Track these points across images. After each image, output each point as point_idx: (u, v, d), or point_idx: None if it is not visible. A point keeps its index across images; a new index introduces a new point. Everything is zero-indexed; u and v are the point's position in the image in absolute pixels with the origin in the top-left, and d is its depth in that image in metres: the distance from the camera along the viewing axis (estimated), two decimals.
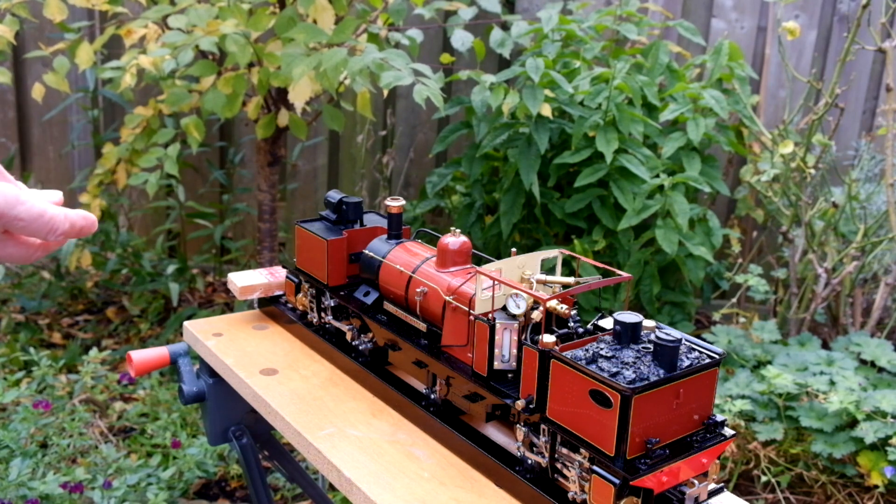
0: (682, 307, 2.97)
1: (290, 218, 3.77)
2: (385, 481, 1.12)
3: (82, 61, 2.60)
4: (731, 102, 2.95)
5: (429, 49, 3.47)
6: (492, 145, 2.87)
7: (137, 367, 1.57)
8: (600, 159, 2.70)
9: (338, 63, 2.19)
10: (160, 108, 2.79)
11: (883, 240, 2.75)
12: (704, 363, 1.00)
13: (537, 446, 1.07)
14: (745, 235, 3.46)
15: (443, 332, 1.23)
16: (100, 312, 3.55)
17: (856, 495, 2.40)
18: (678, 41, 3.44)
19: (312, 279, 1.47)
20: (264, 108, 2.73)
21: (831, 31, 3.45)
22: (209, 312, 3.32)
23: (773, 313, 3.15)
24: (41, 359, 2.70)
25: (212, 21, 2.44)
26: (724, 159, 3.42)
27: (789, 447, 2.48)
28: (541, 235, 2.96)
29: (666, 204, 2.68)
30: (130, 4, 2.94)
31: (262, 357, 1.48)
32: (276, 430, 1.38)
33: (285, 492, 2.46)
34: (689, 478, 1.01)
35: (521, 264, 1.17)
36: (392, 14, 2.66)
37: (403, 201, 1.38)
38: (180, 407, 2.72)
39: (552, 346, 1.02)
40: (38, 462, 2.33)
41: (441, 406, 1.23)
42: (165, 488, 2.29)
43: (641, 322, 1.02)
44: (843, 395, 2.31)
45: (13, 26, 2.53)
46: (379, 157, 3.66)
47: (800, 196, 2.91)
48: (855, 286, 2.94)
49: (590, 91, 2.76)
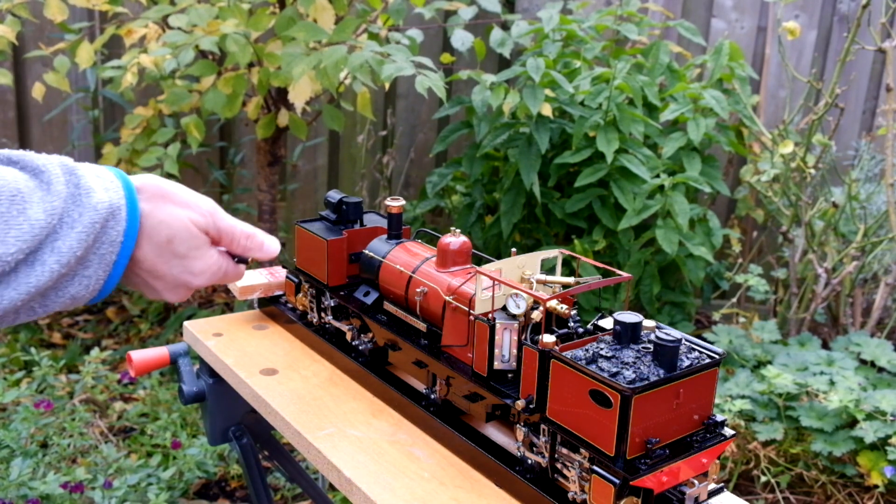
0: (682, 307, 2.97)
1: (290, 218, 3.77)
2: (385, 481, 1.12)
3: (83, 61, 2.60)
4: (732, 102, 2.95)
5: (429, 49, 3.47)
6: (492, 145, 2.87)
7: (137, 367, 1.57)
8: (601, 159, 2.70)
9: (338, 60, 2.18)
10: (160, 108, 2.79)
11: (883, 240, 2.75)
12: (704, 363, 1.00)
13: (537, 446, 1.07)
14: (745, 235, 3.46)
15: (443, 332, 1.23)
16: (100, 312, 3.55)
17: (856, 495, 2.40)
18: (678, 41, 3.44)
19: (312, 279, 1.47)
20: (264, 108, 2.73)
21: (831, 31, 3.45)
22: (209, 312, 3.32)
23: (773, 313, 3.15)
24: (41, 359, 2.70)
25: (212, 21, 2.44)
26: (724, 159, 3.42)
27: (789, 447, 2.48)
28: (541, 235, 2.96)
29: (666, 204, 2.68)
30: (130, 4, 2.94)
31: (262, 357, 1.48)
32: (276, 430, 1.38)
33: (285, 492, 2.46)
34: (689, 478, 1.01)
35: (522, 264, 1.17)
36: (392, 14, 2.66)
37: (403, 201, 1.38)
38: (180, 407, 2.72)
39: (552, 346, 1.02)
40: (38, 462, 2.33)
41: (441, 406, 1.23)
42: (165, 488, 2.29)
43: (641, 322, 1.02)
44: (843, 395, 2.31)
45: (14, 27, 2.53)
46: (379, 157, 3.66)
47: (800, 196, 2.91)
48: (855, 286, 2.94)
49: (590, 91, 2.76)
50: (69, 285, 0.78)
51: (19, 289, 0.74)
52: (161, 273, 0.87)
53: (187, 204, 0.88)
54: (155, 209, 0.85)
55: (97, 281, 0.79)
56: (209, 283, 0.93)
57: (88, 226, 0.77)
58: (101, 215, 0.78)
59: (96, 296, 0.81)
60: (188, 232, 0.87)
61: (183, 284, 0.90)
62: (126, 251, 0.81)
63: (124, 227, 0.80)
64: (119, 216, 0.80)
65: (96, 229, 0.78)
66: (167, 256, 0.86)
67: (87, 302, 0.81)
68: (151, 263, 0.85)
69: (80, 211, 0.77)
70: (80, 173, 0.79)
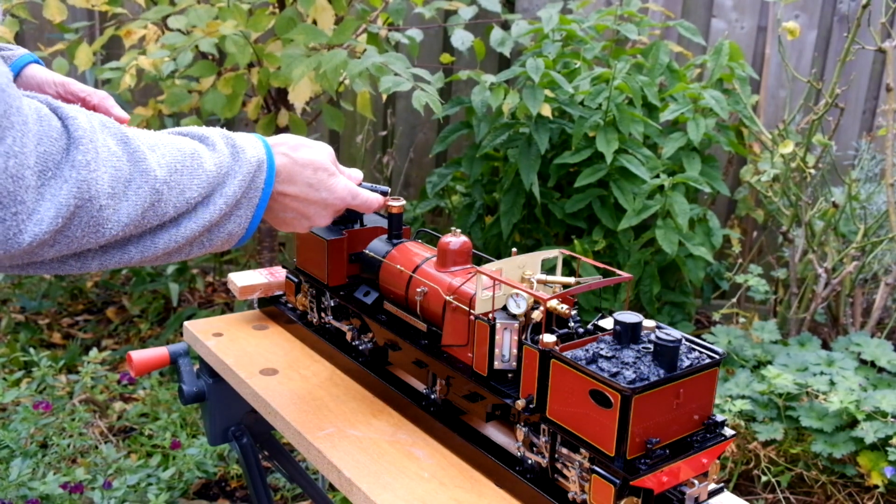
0: (682, 307, 2.97)
1: None
2: (385, 481, 1.12)
3: (81, 62, 2.60)
4: (732, 102, 2.95)
5: (429, 49, 3.47)
6: (492, 145, 2.87)
7: (137, 367, 1.57)
8: (600, 159, 2.70)
9: (338, 65, 2.19)
10: (160, 108, 2.79)
11: (883, 240, 2.75)
12: (704, 363, 1.00)
13: (537, 446, 1.07)
14: (745, 235, 3.46)
15: (443, 331, 1.23)
16: (100, 312, 3.55)
17: (856, 495, 2.40)
18: (678, 41, 3.44)
19: (312, 279, 1.47)
20: (264, 108, 2.73)
21: (831, 31, 3.45)
22: (209, 312, 3.32)
23: (773, 313, 3.15)
24: (41, 359, 2.70)
25: (211, 22, 2.43)
26: (724, 159, 3.42)
27: (789, 447, 2.48)
28: (541, 235, 2.96)
29: (666, 204, 2.68)
30: (130, 5, 2.94)
31: (262, 357, 1.48)
32: (276, 430, 1.38)
33: (285, 492, 2.46)
34: (689, 478, 1.01)
35: (522, 264, 1.17)
36: (392, 14, 2.66)
37: (404, 201, 1.38)
38: (180, 407, 2.72)
39: (552, 345, 1.02)
40: (38, 462, 2.33)
41: (441, 406, 1.23)
42: (165, 488, 2.29)
43: (641, 322, 1.02)
44: (844, 395, 2.31)
45: (13, 27, 2.53)
46: (379, 157, 3.66)
47: (800, 196, 2.91)
48: (855, 286, 2.94)
49: (590, 91, 2.76)
50: (227, 223, 0.99)
51: (198, 221, 0.95)
52: (312, 200, 1.10)
53: (319, 145, 1.12)
54: (294, 154, 1.07)
55: (246, 219, 1.01)
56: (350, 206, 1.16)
57: (246, 175, 0.99)
58: (253, 167, 1.00)
59: (244, 234, 1.02)
60: (327, 159, 1.11)
61: (328, 206, 1.12)
62: (265, 196, 1.02)
63: (265, 177, 1.02)
64: (263, 167, 1.02)
65: (249, 178, 1.00)
66: (315, 184, 1.09)
67: (238, 241, 1.02)
68: (304, 195, 1.09)
69: (240, 164, 0.99)
70: (233, 137, 1.01)
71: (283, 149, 1.07)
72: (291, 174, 1.07)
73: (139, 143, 0.89)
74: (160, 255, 0.94)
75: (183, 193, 0.92)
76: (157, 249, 0.93)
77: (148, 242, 0.92)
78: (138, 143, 0.89)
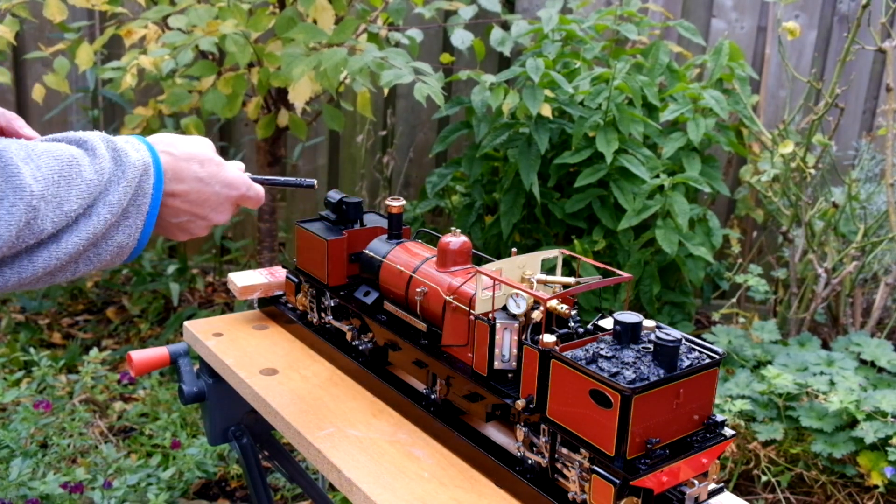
0: (682, 307, 2.97)
1: (290, 218, 3.77)
2: (385, 481, 1.12)
3: (82, 62, 2.60)
4: (731, 102, 2.94)
5: (429, 49, 3.47)
6: (492, 145, 2.87)
7: (137, 367, 1.57)
8: (600, 159, 2.70)
9: (338, 63, 2.18)
10: (160, 108, 2.79)
11: (883, 240, 2.75)
12: (704, 363, 1.00)
13: (537, 446, 1.07)
14: (745, 235, 3.46)
15: (443, 332, 1.23)
16: (100, 312, 3.55)
17: (856, 495, 2.40)
18: (678, 41, 3.44)
19: (312, 279, 1.47)
20: (264, 108, 2.73)
21: (831, 31, 3.45)
22: (209, 312, 3.32)
23: (773, 313, 3.15)
24: (41, 359, 2.70)
25: (212, 21, 2.43)
26: (724, 159, 3.42)
27: (789, 447, 2.48)
28: (541, 235, 2.96)
29: (666, 204, 2.68)
30: (130, 4, 2.94)
31: (262, 357, 1.48)
32: (276, 430, 1.38)
33: (285, 492, 2.46)
34: (689, 478, 1.01)
35: (522, 264, 1.17)
36: (392, 13, 2.66)
37: (404, 201, 1.38)
38: (180, 407, 2.72)
39: (552, 345, 1.02)
40: (38, 462, 2.33)
41: (441, 406, 1.23)
42: (165, 488, 2.29)
43: (641, 322, 1.02)
44: (843, 395, 2.31)
45: (13, 27, 2.53)
46: (379, 157, 3.66)
47: (800, 196, 2.91)
48: (855, 286, 2.94)
49: (590, 91, 2.76)
50: (115, 234, 0.92)
51: (80, 235, 0.88)
52: (205, 196, 1.03)
53: (196, 137, 1.06)
54: (175, 151, 1.00)
55: (136, 229, 0.94)
56: (244, 197, 1.09)
57: (131, 180, 0.92)
58: (138, 171, 0.93)
59: (136, 246, 0.95)
60: (210, 150, 1.05)
61: (225, 200, 1.06)
62: (156, 201, 0.96)
63: (153, 181, 0.95)
64: (150, 171, 0.95)
65: (135, 183, 0.93)
66: (205, 178, 1.02)
67: (130, 253, 0.95)
68: (196, 192, 1.02)
69: (123, 169, 0.92)
70: (114, 139, 0.94)
71: (161, 146, 1.00)
72: (177, 172, 1.00)
73: (11, 154, 0.82)
74: (41, 276, 0.87)
75: (61, 206, 0.85)
76: (35, 270, 0.86)
77: (25, 263, 0.85)
78: (10, 154, 0.82)
